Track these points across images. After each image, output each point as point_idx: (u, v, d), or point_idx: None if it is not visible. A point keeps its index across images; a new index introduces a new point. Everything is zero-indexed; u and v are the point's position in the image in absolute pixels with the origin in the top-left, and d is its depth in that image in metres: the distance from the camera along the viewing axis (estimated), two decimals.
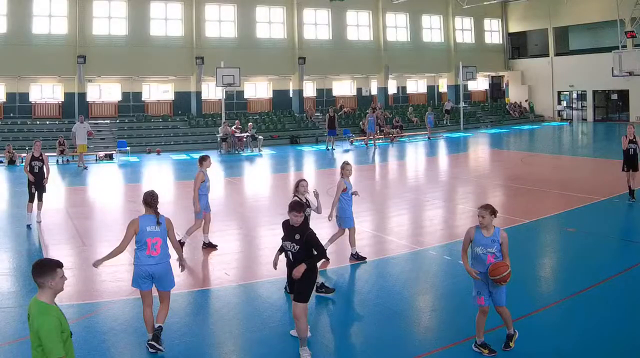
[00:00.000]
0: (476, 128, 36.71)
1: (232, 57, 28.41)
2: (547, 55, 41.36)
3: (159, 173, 21.94)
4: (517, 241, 10.58)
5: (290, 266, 6.25)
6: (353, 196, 9.63)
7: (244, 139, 27.32)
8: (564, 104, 42.19)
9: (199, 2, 30.00)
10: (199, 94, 30.62)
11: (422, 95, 40.56)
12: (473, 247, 6.18)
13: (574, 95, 41.74)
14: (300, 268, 5.98)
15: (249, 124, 28.15)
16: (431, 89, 40.82)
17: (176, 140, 28.20)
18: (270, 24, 32.39)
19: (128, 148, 25.55)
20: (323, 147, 27.95)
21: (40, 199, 12.46)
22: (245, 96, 33.27)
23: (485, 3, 38.08)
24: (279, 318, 7.44)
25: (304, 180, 8.25)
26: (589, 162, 22.58)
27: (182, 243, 9.05)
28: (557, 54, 40.99)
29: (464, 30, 40.62)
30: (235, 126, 27.80)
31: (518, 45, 44.48)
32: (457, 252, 9.25)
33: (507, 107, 41.75)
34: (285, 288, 7.20)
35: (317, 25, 34.00)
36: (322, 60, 33.05)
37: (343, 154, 25.97)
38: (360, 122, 31.46)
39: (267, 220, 13.06)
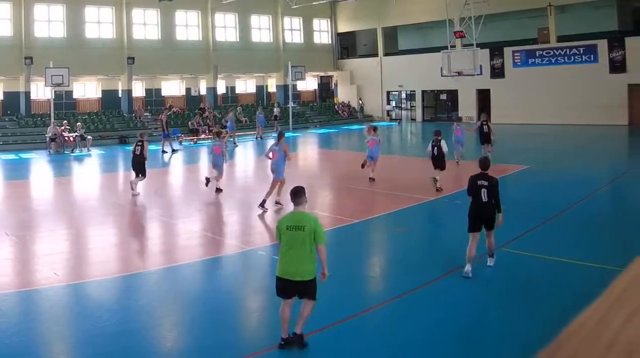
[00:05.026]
0: (305, 128, 46.67)
1: (62, 57, 36.56)
2: (376, 55, 52.60)
3: None
4: (346, 241, 13.50)
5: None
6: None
7: (72, 139, 35.57)
8: (393, 103, 53.32)
9: (28, 2, 38.09)
10: (27, 93, 39.16)
11: (251, 95, 52.14)
12: None
13: (403, 95, 52.72)
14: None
15: (78, 123, 36.69)
16: (260, 89, 52.53)
17: (5, 140, 36.60)
18: (99, 24, 41.66)
19: None
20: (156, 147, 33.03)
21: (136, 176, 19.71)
22: (75, 96, 42.84)
23: (314, 3, 48.98)
24: (107, 318, 9.03)
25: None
26: (417, 162, 25.98)
27: None
28: (386, 54, 52.17)
29: (292, 30, 52.82)
30: (63, 126, 36.16)
31: (347, 46, 56.32)
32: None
33: (335, 107, 53.31)
34: None
35: (146, 25, 43.88)
36: (151, 60, 42.82)
37: (172, 153, 32.38)
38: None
39: (96, 220, 15.69)
